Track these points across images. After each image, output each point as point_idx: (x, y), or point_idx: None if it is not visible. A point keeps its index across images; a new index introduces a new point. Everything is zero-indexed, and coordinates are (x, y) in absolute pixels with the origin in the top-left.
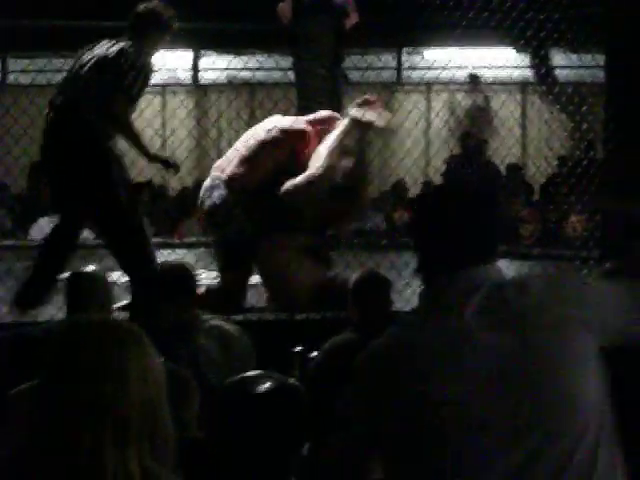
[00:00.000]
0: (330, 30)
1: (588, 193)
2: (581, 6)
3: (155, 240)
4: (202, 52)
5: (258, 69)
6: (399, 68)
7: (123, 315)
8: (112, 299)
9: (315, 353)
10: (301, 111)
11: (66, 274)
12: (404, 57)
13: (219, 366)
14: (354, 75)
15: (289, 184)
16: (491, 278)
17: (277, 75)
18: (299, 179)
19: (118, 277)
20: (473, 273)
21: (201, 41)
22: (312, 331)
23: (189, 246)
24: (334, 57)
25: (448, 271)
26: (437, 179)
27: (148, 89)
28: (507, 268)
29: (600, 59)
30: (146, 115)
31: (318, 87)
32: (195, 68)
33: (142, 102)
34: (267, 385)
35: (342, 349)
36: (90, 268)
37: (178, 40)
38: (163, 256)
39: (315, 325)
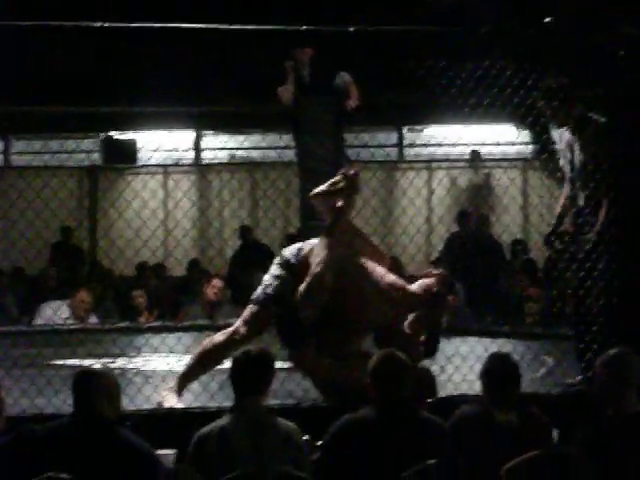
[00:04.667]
0: (331, 111)
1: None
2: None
3: (156, 324)
4: (203, 132)
5: (257, 148)
6: (400, 145)
7: None
8: (120, 396)
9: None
10: (303, 192)
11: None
12: (406, 135)
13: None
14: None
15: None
16: None
17: (273, 154)
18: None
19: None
20: None
21: (203, 122)
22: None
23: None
24: (335, 138)
25: None
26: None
27: (151, 169)
28: (512, 349)
29: None
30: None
31: (320, 168)
32: (197, 148)
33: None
34: None
35: (359, 425)
36: (97, 366)
37: (181, 121)
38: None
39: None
